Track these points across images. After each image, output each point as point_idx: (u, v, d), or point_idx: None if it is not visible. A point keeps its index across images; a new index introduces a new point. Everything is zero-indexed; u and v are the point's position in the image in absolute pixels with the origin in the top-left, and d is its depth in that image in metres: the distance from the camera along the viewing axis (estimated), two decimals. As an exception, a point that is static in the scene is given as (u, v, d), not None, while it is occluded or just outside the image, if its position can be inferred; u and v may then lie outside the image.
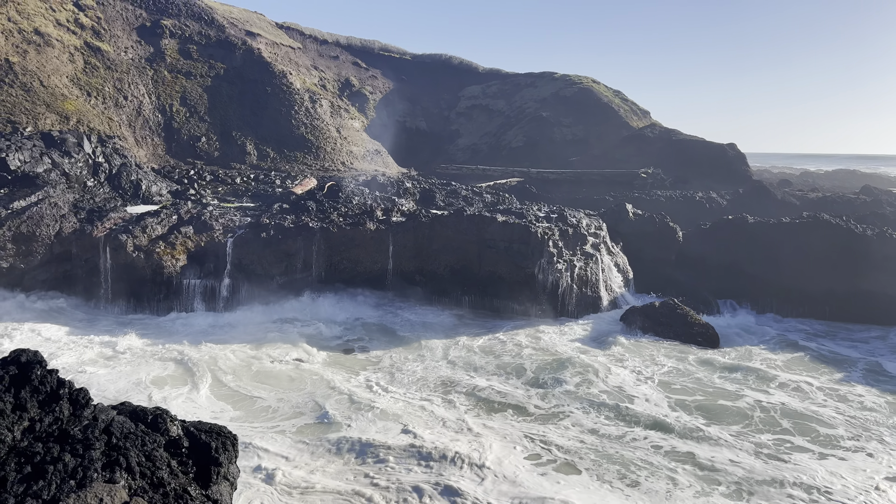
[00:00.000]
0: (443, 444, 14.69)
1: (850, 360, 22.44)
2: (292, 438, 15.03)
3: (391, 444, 14.64)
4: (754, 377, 20.07)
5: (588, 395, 18.28)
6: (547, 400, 17.87)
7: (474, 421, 16.21)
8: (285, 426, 15.76)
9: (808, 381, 19.91)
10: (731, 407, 17.69)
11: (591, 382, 19.20)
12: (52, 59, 39.80)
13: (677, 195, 44.29)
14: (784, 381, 19.78)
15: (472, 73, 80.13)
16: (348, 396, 17.56)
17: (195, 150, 45.22)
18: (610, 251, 29.16)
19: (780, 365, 21.44)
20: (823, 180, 74.46)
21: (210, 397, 17.43)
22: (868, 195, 45.45)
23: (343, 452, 14.34)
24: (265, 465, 13.57)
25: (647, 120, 71.03)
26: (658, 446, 15.12)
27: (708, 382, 19.53)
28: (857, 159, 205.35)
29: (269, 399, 17.40)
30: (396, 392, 18.14)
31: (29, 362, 9.51)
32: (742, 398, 18.30)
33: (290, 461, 13.90)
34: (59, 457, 8.60)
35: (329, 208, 29.76)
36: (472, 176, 54.12)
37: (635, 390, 18.65)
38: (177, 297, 25.13)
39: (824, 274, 28.15)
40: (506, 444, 14.94)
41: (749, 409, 17.55)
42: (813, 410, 17.59)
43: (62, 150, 30.29)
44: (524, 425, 16.15)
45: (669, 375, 20.02)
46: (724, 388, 19.05)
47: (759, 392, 18.85)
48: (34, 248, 24.65)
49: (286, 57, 59.03)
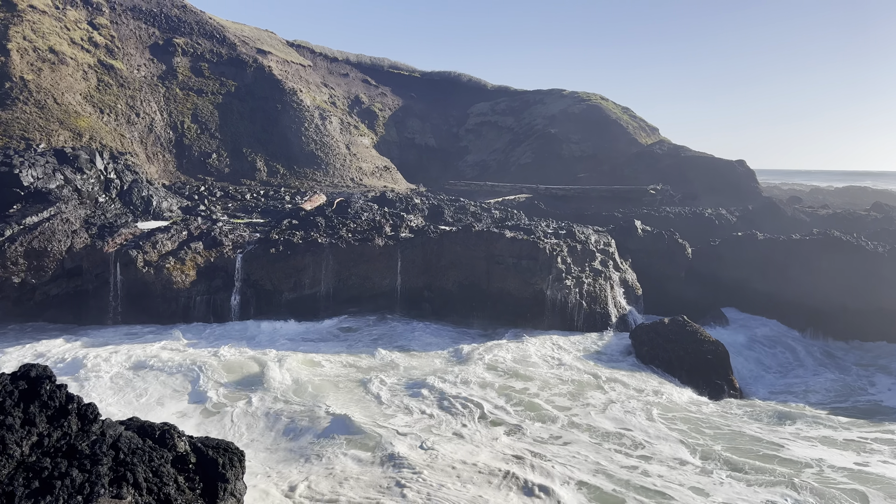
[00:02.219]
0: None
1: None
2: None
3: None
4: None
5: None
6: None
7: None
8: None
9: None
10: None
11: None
12: (66, 76, 40.36)
13: (686, 212, 44.19)
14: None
15: (480, 91, 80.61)
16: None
17: (206, 166, 45.59)
18: (618, 268, 29.06)
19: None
20: (834, 197, 74.08)
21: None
22: (879, 212, 45.18)
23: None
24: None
25: (655, 136, 71.11)
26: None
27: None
28: (868, 176, 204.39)
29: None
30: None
31: (38, 377, 9.55)
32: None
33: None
34: (67, 472, 8.60)
35: (338, 224, 29.86)
36: (480, 192, 54.25)
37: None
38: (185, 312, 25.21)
39: (836, 291, 27.93)
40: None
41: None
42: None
43: (74, 167, 30.60)
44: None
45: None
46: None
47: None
48: (45, 264, 24.84)
49: (296, 74, 59.61)
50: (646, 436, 16.51)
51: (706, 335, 23.45)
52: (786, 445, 16.30)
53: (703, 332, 23.56)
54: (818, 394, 21.79)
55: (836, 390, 22.19)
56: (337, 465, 14.40)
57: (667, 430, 16.89)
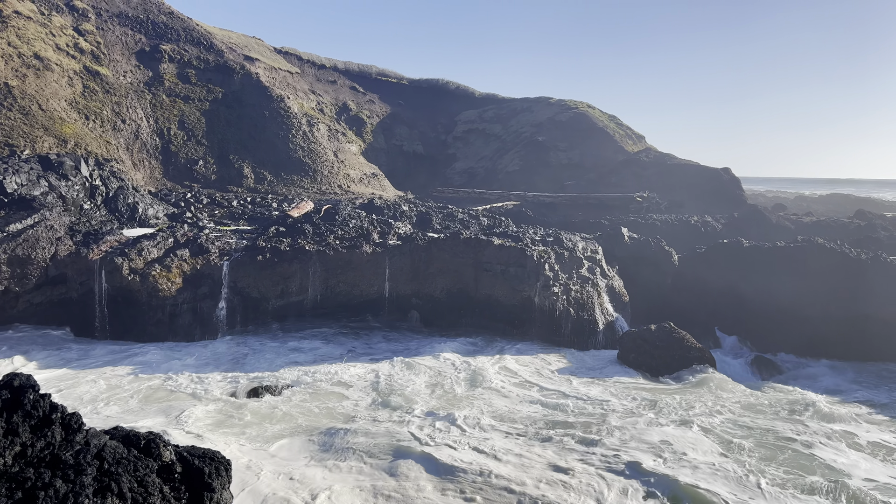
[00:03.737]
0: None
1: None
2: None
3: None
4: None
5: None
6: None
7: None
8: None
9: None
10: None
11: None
12: (51, 82, 40.07)
13: (673, 219, 44.50)
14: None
15: (468, 98, 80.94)
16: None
17: (192, 173, 45.37)
18: (606, 275, 29.20)
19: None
20: (817, 204, 74.93)
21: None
22: (862, 219, 45.72)
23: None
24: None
25: (642, 144, 71.66)
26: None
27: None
28: (850, 183, 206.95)
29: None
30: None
31: (22, 386, 9.45)
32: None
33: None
34: (51, 482, 8.50)
35: (325, 231, 29.80)
36: (468, 199, 54.39)
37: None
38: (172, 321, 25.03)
39: (821, 298, 28.18)
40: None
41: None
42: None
43: (59, 173, 30.35)
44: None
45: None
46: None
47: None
48: (29, 272, 24.58)
49: (284, 81, 59.54)
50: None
51: (693, 341, 23.60)
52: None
53: (689, 339, 23.71)
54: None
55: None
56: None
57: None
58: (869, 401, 20.98)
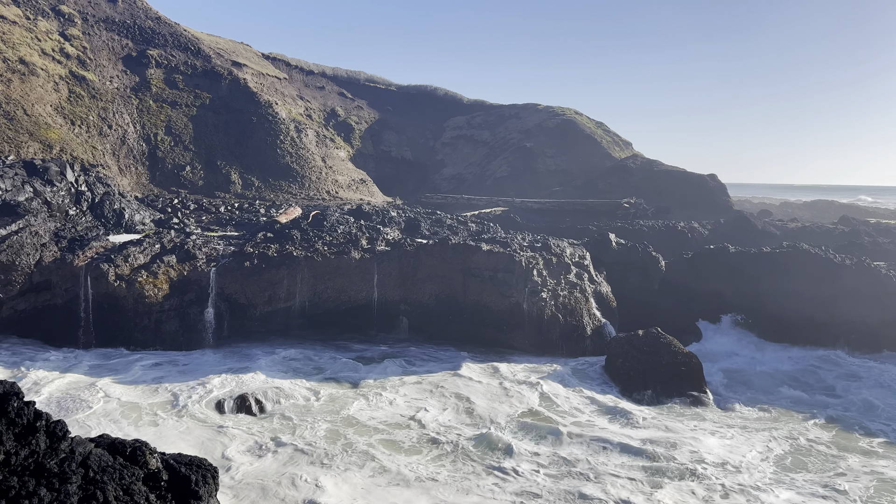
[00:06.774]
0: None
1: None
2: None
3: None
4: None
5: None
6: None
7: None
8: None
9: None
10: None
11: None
12: (37, 87, 39.75)
13: (660, 225, 44.77)
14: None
15: (456, 104, 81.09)
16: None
17: (179, 178, 45.12)
18: (594, 280, 29.33)
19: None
20: (802, 210, 75.65)
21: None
22: (846, 225, 46.25)
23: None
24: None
25: (629, 151, 72.15)
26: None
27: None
28: (834, 190, 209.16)
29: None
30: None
31: (5, 394, 9.33)
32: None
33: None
34: (35, 491, 8.41)
35: (313, 237, 29.72)
36: (456, 205, 54.40)
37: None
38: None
39: (805, 303, 28.47)
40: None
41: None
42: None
43: (44, 179, 30.08)
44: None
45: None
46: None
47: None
48: (13, 278, 24.33)
49: (272, 87, 59.42)
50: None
51: (680, 347, 23.73)
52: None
53: (676, 344, 23.84)
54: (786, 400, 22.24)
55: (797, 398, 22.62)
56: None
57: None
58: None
